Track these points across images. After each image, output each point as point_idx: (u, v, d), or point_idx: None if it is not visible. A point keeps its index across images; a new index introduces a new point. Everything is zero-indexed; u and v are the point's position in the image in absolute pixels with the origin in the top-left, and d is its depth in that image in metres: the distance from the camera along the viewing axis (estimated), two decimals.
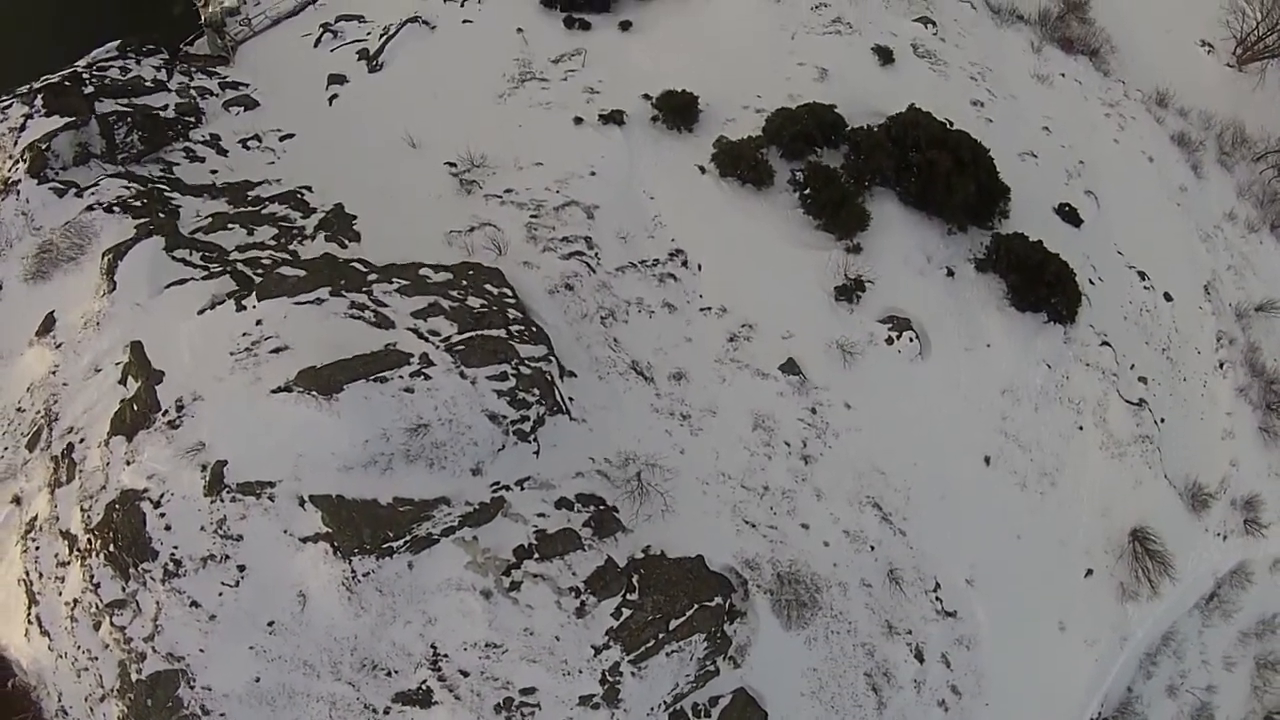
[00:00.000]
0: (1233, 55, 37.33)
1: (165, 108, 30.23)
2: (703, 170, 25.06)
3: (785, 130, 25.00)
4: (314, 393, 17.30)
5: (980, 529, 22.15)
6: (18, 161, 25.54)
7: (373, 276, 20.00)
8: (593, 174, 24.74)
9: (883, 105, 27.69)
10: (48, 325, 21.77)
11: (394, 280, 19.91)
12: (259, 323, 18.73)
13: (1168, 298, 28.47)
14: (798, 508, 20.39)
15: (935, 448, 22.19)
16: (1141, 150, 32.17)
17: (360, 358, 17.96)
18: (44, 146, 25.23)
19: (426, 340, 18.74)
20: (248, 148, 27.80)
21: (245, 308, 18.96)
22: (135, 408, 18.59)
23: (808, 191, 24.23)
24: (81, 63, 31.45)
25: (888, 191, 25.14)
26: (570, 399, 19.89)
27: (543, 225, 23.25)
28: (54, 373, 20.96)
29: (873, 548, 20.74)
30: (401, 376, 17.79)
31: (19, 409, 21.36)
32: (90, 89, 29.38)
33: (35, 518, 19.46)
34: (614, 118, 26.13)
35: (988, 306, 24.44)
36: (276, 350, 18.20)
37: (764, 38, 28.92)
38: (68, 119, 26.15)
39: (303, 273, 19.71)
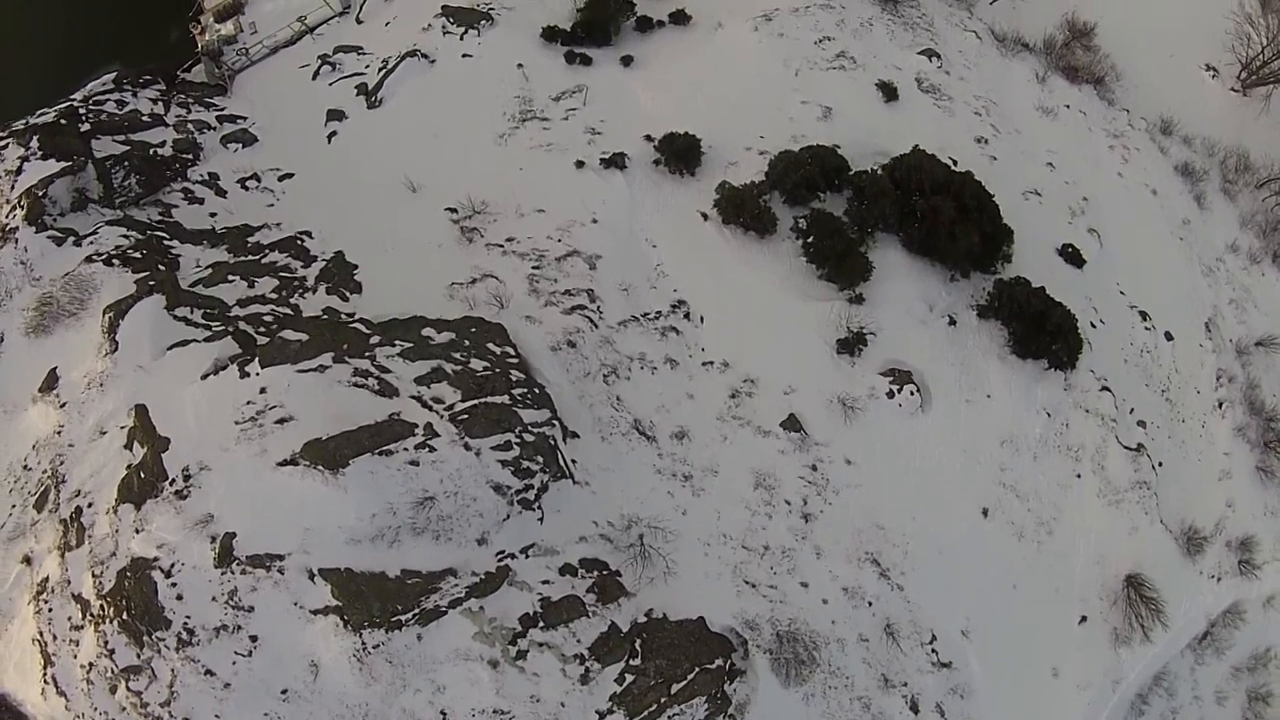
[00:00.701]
0: (1237, 80, 37.16)
1: (163, 144, 30.06)
2: (705, 217, 25.09)
3: (788, 176, 24.98)
4: (320, 467, 17.57)
5: (977, 581, 22.57)
6: (15, 208, 25.50)
7: (375, 339, 20.16)
8: (594, 221, 24.78)
9: (887, 144, 27.58)
10: (50, 382, 21.92)
11: (396, 343, 20.08)
12: (263, 391, 18.94)
13: (1168, 337, 28.66)
14: (797, 566, 20.78)
15: (934, 501, 22.54)
16: (1145, 183, 32.13)
17: (365, 429, 18.22)
18: (41, 194, 25.19)
19: (430, 409, 18.98)
20: (246, 188, 27.69)
21: (249, 374, 19.16)
22: (142, 475, 18.85)
23: (810, 240, 24.30)
24: (77, 96, 31.20)
25: (891, 238, 25.20)
26: (574, 461, 20.17)
27: (545, 277, 23.35)
28: (59, 432, 21.16)
29: (870, 603, 21.17)
30: (407, 449, 18.06)
31: (25, 466, 21.60)
32: (86, 126, 29.30)
33: (46, 579, 19.79)
34: (616, 161, 26.07)
35: (989, 355, 24.64)
36: (281, 421, 18.44)
37: (767, 74, 28.73)
38: (64, 163, 26.22)
39: (305, 336, 19.86)
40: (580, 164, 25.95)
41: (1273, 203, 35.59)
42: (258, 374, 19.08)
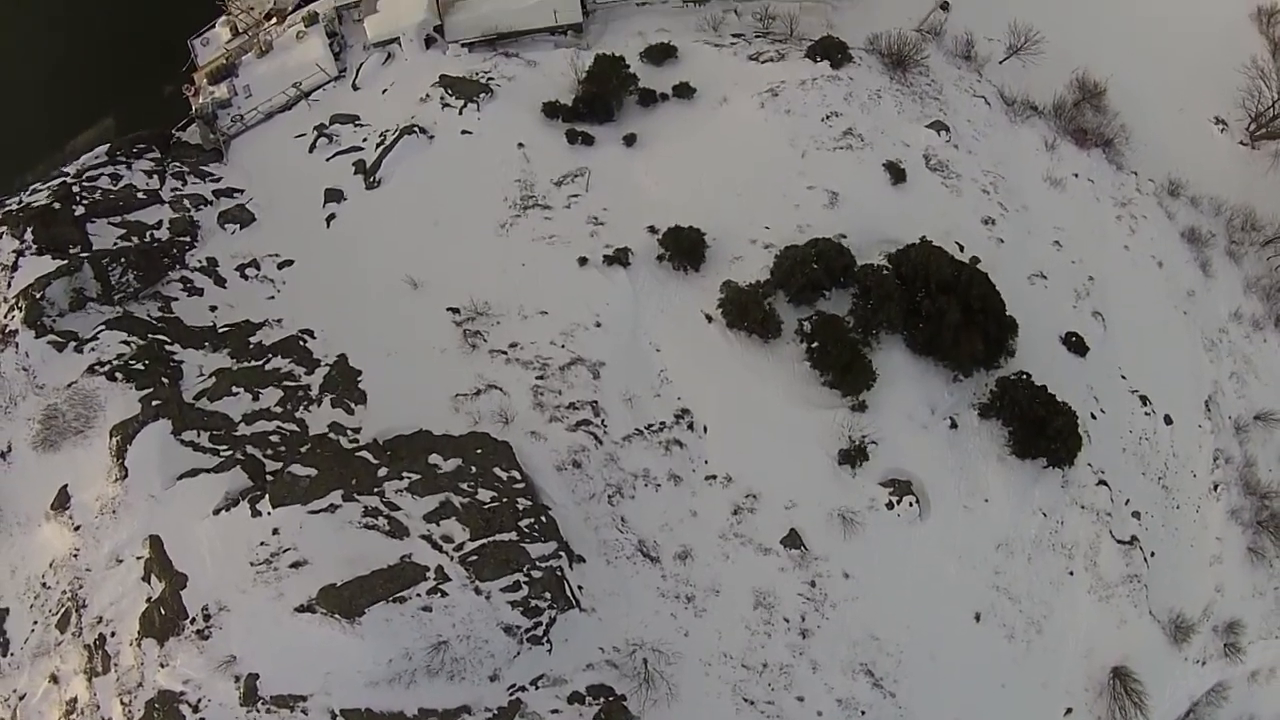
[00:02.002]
0: (1246, 132, 37.11)
1: (159, 225, 30.08)
2: (709, 319, 25.48)
3: (794, 276, 25.27)
4: (337, 615, 18.47)
5: (967, 682, 23.76)
6: (13, 309, 25.77)
7: (383, 471, 20.80)
8: (598, 325, 25.17)
9: (895, 231, 27.75)
10: (62, 501, 22.61)
11: (404, 475, 20.75)
12: (275, 532, 19.71)
13: (1168, 420, 29.36)
14: (794, 681, 21.90)
15: (929, 609, 23.57)
16: (1151, 255, 32.38)
17: (378, 574, 19.07)
18: (39, 295, 25.31)
19: (440, 550, 19.79)
20: (246, 277, 27.85)
21: (260, 513, 19.89)
22: (163, 611, 19.75)
23: (815, 346, 24.73)
24: (70, 170, 31.04)
25: (895, 338, 25.64)
26: (580, 588, 21.08)
27: (549, 389, 23.87)
28: (75, 555, 21.96)
29: (863, 712, 22.35)
30: (419, 594, 18.94)
31: (44, 584, 22.46)
32: (81, 208, 29.30)
33: (75, 699, 20.88)
34: (619, 258, 26.29)
35: (988, 457, 25.39)
36: (296, 564, 19.27)
37: (773, 156, 28.66)
38: (60, 261, 26.33)
39: (313, 471, 20.50)
40: (583, 261, 26.21)
41: (1278, 262, 35.99)
42: (269, 513, 19.83)
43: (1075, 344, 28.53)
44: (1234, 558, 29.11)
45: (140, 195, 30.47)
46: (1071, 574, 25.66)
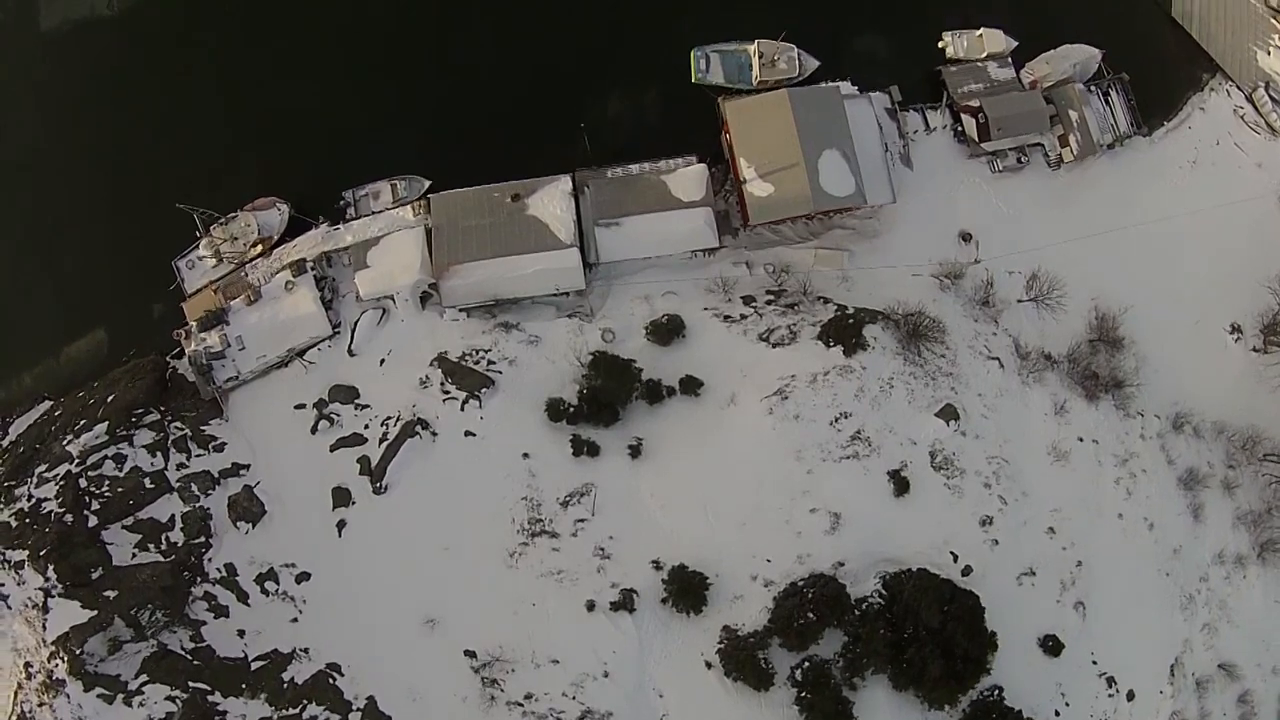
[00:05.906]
0: (1259, 335, 37.69)
1: (171, 523, 31.59)
2: (709, 665, 28.17)
3: (790, 627, 27.65)
4: None
5: None
6: (55, 656, 28.31)
7: None
8: (606, 675, 27.94)
9: (893, 548, 29.76)
10: None
11: None
12: None
13: (1130, 697, 32.84)
14: None
15: None
16: (1144, 517, 34.15)
17: None
18: (78, 651, 27.77)
19: None
20: (266, 592, 29.94)
21: None
22: None
23: (805, 695, 27.67)
24: (73, 451, 31.98)
25: (880, 675, 28.48)
26: None
27: None
28: None
29: None
30: None
31: None
32: (93, 516, 30.62)
33: None
34: (625, 603, 28.46)
35: None
36: None
37: (779, 474, 29.73)
38: (91, 611, 28.25)
39: None
40: (591, 605, 28.40)
41: (1270, 480, 37.67)
42: None
43: (1051, 647, 31.35)
44: None
45: (148, 484, 31.83)
46: None
